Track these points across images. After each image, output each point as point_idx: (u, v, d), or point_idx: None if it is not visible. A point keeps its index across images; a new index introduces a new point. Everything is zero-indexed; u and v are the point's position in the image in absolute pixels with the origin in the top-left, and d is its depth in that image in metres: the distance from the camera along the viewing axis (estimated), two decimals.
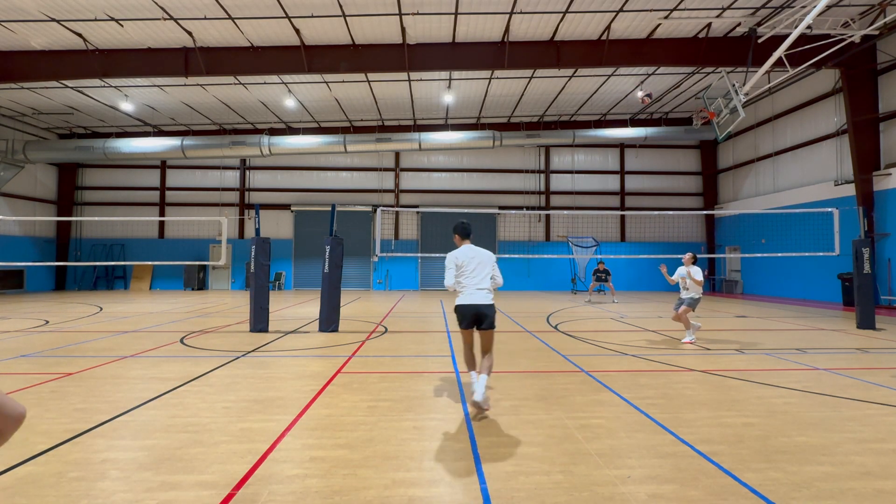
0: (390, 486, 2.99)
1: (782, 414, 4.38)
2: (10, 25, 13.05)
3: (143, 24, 13.15)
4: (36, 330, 9.59)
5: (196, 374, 5.79)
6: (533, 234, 24.08)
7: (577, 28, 13.91)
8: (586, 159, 24.51)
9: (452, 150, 22.76)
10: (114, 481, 3.02)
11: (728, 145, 22.72)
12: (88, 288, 22.98)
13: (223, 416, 4.27)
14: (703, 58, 14.52)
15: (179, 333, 9.17)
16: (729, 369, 6.20)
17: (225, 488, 2.93)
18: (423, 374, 5.99)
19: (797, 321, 11.42)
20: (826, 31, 12.98)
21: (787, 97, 18.86)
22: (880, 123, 15.15)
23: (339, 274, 9.64)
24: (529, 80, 17.67)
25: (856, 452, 3.51)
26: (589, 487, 2.96)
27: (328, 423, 4.14)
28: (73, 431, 3.87)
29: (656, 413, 4.38)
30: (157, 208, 23.90)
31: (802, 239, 16.56)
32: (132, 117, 20.81)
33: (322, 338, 8.71)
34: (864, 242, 10.30)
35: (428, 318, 11.89)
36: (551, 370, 6.18)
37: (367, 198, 24.11)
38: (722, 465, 3.28)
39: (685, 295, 8.44)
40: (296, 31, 13.55)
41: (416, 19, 13.25)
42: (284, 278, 23.51)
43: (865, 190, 15.04)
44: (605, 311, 13.53)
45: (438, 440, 3.76)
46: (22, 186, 21.16)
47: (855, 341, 8.52)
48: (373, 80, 17.50)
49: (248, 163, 24.01)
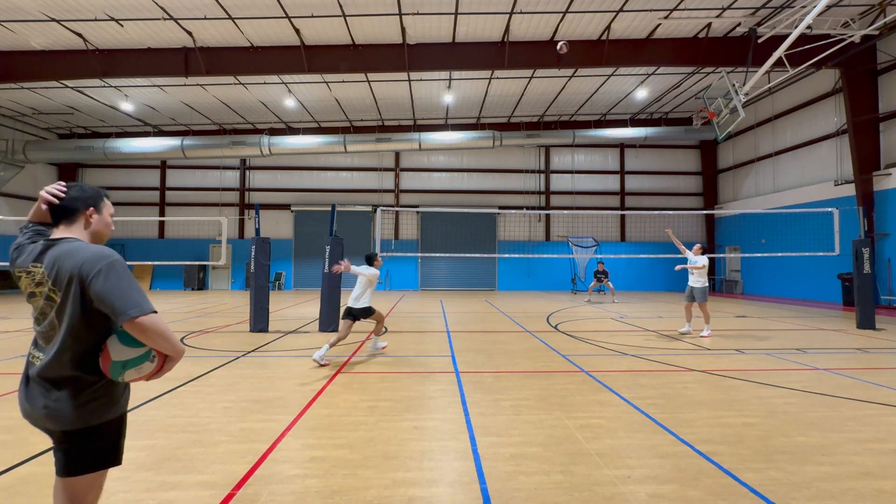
0: (390, 486, 2.99)
1: (782, 414, 4.38)
2: (10, 25, 13.05)
3: (143, 24, 13.15)
4: None
5: (196, 374, 5.79)
6: (533, 234, 24.08)
7: (577, 28, 13.91)
8: (586, 159, 24.51)
9: (452, 150, 22.76)
10: (114, 481, 3.02)
11: (728, 145, 22.72)
12: None
13: (223, 416, 4.27)
14: (703, 58, 14.52)
15: (179, 333, 9.17)
16: (729, 369, 6.20)
17: (225, 488, 2.93)
18: (423, 374, 5.99)
19: (797, 321, 11.42)
20: (826, 31, 12.98)
21: (787, 97, 18.86)
22: (880, 123, 15.15)
23: (339, 274, 9.63)
24: (529, 80, 17.67)
25: (856, 452, 3.51)
26: (589, 487, 2.96)
27: (328, 423, 4.14)
28: None
29: (656, 413, 4.39)
30: (157, 208, 23.90)
31: (802, 239, 16.57)
32: (132, 117, 20.82)
33: (322, 338, 8.70)
34: (864, 242, 10.30)
35: (428, 318, 11.89)
36: (551, 370, 6.18)
37: (367, 198, 24.11)
38: (722, 465, 3.28)
39: (693, 283, 9.09)
40: (296, 31, 13.55)
41: (416, 19, 13.25)
42: (284, 278, 23.51)
43: (865, 190, 15.03)
44: (606, 311, 13.53)
45: (438, 440, 3.76)
46: (22, 186, 21.16)
47: (855, 341, 8.52)
48: (373, 80, 17.51)
49: (248, 163, 24.02)
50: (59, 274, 1.70)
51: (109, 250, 1.78)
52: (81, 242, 1.79)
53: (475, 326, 10.26)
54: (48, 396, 1.72)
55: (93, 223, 1.90)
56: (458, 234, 23.44)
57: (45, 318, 1.75)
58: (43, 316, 1.76)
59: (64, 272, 1.70)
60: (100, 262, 1.70)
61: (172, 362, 1.79)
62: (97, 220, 1.92)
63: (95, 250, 1.74)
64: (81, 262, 1.69)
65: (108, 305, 1.67)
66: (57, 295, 1.71)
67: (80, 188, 1.90)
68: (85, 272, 1.68)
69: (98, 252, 1.74)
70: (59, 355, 1.72)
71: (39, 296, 1.74)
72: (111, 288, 1.67)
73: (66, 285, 1.70)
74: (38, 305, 1.76)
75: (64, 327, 1.71)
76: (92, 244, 1.83)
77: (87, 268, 1.69)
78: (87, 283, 1.68)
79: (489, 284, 23.77)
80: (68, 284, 1.70)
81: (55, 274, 1.71)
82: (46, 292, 1.73)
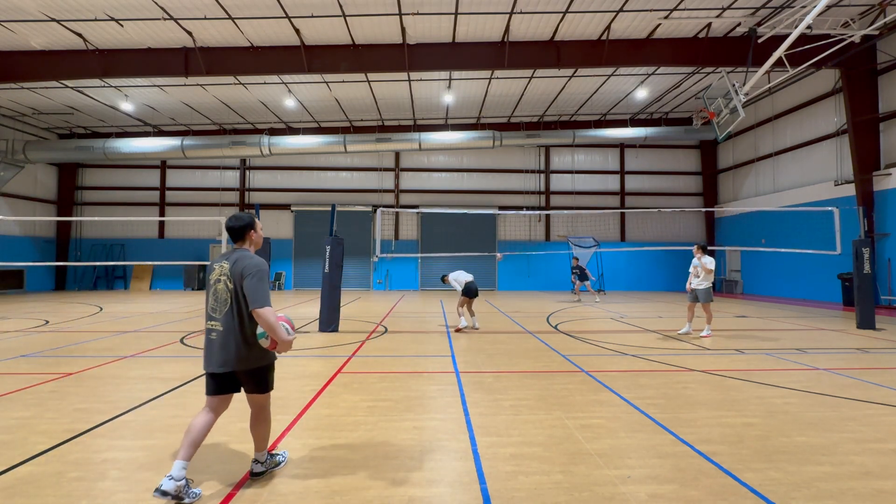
0: (390, 486, 2.99)
1: (782, 414, 4.38)
2: (10, 25, 13.05)
3: (143, 24, 13.15)
4: (36, 330, 9.59)
5: (196, 374, 5.79)
6: (533, 233, 24.08)
7: (577, 28, 13.91)
8: (586, 159, 24.51)
9: (452, 150, 22.76)
10: (114, 481, 3.03)
11: (728, 145, 22.72)
12: (88, 288, 22.98)
13: (223, 415, 4.26)
14: (703, 58, 14.52)
15: (179, 333, 9.17)
16: (729, 369, 6.20)
17: (225, 488, 2.93)
18: (423, 374, 5.99)
19: (797, 321, 11.42)
20: (826, 31, 12.98)
21: (787, 97, 18.86)
22: (880, 123, 15.14)
23: (339, 274, 9.64)
24: (529, 80, 17.67)
25: (856, 452, 3.51)
26: (589, 487, 2.97)
27: (328, 423, 4.14)
28: (73, 431, 3.88)
29: (656, 413, 4.39)
30: (157, 208, 23.89)
31: (802, 239, 16.57)
32: (132, 117, 20.81)
33: (322, 338, 8.71)
34: (864, 242, 10.29)
35: (428, 318, 11.89)
36: (551, 370, 6.18)
37: (367, 198, 24.11)
38: (722, 465, 3.28)
39: (696, 285, 8.96)
40: (296, 31, 13.55)
41: (416, 19, 13.25)
42: (284, 278, 23.51)
43: (865, 190, 15.03)
44: (606, 311, 13.53)
45: (438, 440, 3.76)
46: (22, 186, 21.16)
47: (855, 341, 8.53)
48: (373, 80, 17.50)
49: (248, 163, 24.01)
50: (232, 270, 2.89)
51: (260, 261, 2.93)
52: (247, 252, 3.02)
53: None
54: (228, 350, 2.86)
55: (253, 238, 3.11)
56: (458, 234, 23.45)
57: (222, 294, 2.89)
58: (221, 293, 2.90)
59: (235, 270, 2.88)
60: (251, 269, 2.86)
61: (282, 345, 2.86)
62: (255, 236, 3.12)
63: (254, 261, 2.92)
64: (243, 267, 2.88)
65: (248, 296, 2.83)
66: (231, 282, 2.88)
67: (240, 218, 3.06)
68: (244, 273, 2.86)
69: (253, 262, 2.91)
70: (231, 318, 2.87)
71: (221, 281, 2.91)
72: (250, 287, 2.83)
73: (235, 278, 2.88)
74: (219, 287, 2.91)
75: (232, 300, 2.88)
76: (253, 254, 3.04)
77: (245, 271, 2.86)
78: (242, 279, 2.85)
79: (489, 284, 23.77)
80: (236, 278, 2.87)
81: (230, 270, 2.90)
82: (224, 279, 2.89)
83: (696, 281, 8.98)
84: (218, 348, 2.87)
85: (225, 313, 2.86)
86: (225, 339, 2.85)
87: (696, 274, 9.01)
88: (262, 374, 2.99)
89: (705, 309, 8.95)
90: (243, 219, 3.04)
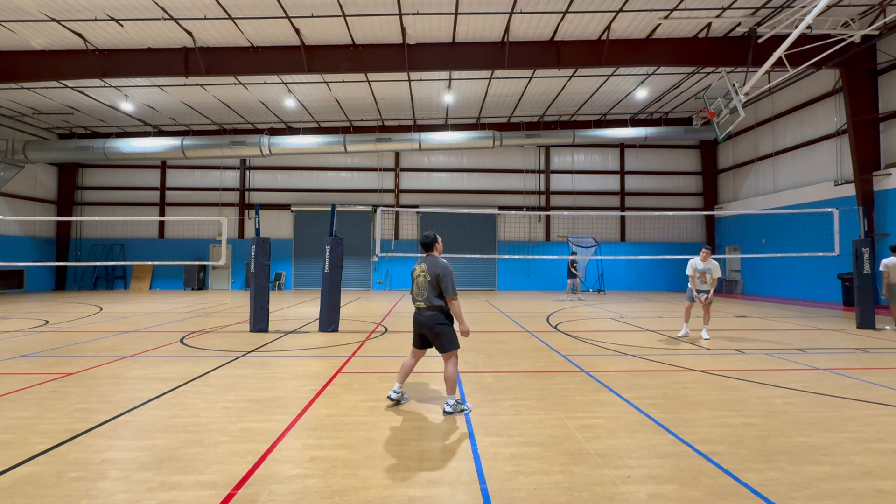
0: (390, 486, 2.99)
1: (782, 414, 4.38)
2: (10, 25, 13.05)
3: (143, 24, 13.15)
4: (36, 330, 9.59)
5: (196, 374, 5.79)
6: (533, 234, 24.08)
7: (577, 28, 13.90)
8: (586, 159, 24.51)
9: (452, 150, 22.75)
10: (114, 481, 3.03)
11: (728, 145, 22.72)
12: (88, 288, 22.98)
13: (223, 416, 4.27)
14: (703, 58, 14.51)
15: (179, 333, 9.17)
16: (729, 369, 6.20)
17: (225, 488, 2.93)
18: (423, 374, 6.00)
19: (797, 321, 11.42)
20: (826, 31, 12.98)
21: (787, 97, 18.85)
22: (880, 123, 15.14)
23: (339, 274, 9.64)
24: (529, 80, 17.67)
25: (856, 452, 3.51)
26: (589, 487, 2.97)
27: (328, 423, 4.14)
28: (73, 431, 3.88)
29: (656, 413, 4.39)
30: (157, 208, 23.89)
31: (802, 239, 16.56)
32: (132, 117, 20.81)
33: (322, 338, 8.71)
34: (864, 242, 10.29)
35: None
36: (551, 370, 6.18)
37: (367, 198, 24.11)
38: (722, 465, 3.28)
39: (701, 286, 8.81)
40: (296, 31, 13.55)
41: (416, 19, 13.25)
42: (284, 278, 23.51)
43: (865, 190, 15.03)
44: (606, 311, 13.54)
45: (438, 440, 3.76)
46: (22, 186, 21.16)
47: (855, 341, 8.53)
48: (373, 80, 17.50)
49: (248, 163, 24.01)
50: (430, 269, 4.40)
51: (447, 263, 4.44)
52: (437, 257, 4.52)
53: (475, 326, 10.25)
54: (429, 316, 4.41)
55: (438, 248, 4.62)
56: (459, 234, 23.43)
57: (423, 285, 4.42)
58: (422, 284, 4.43)
59: (431, 270, 4.39)
60: (444, 270, 4.37)
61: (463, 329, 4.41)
62: (438, 246, 4.62)
63: (444, 263, 4.42)
64: (439, 268, 4.38)
65: (443, 288, 4.34)
66: (429, 276, 4.38)
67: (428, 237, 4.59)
68: (440, 273, 4.36)
69: (444, 264, 4.41)
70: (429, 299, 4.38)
71: (421, 276, 4.44)
72: (445, 281, 4.33)
73: (431, 274, 4.38)
74: (421, 281, 4.44)
75: (430, 288, 4.38)
76: (440, 258, 4.51)
77: (440, 271, 4.36)
78: (439, 276, 4.35)
79: (489, 284, 23.78)
80: (432, 274, 4.38)
81: (427, 269, 4.41)
82: (423, 274, 4.43)
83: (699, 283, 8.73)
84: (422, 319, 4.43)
85: (425, 298, 4.38)
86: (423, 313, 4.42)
87: (703, 280, 8.71)
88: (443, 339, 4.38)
89: (705, 309, 8.79)
90: (430, 237, 4.56)
